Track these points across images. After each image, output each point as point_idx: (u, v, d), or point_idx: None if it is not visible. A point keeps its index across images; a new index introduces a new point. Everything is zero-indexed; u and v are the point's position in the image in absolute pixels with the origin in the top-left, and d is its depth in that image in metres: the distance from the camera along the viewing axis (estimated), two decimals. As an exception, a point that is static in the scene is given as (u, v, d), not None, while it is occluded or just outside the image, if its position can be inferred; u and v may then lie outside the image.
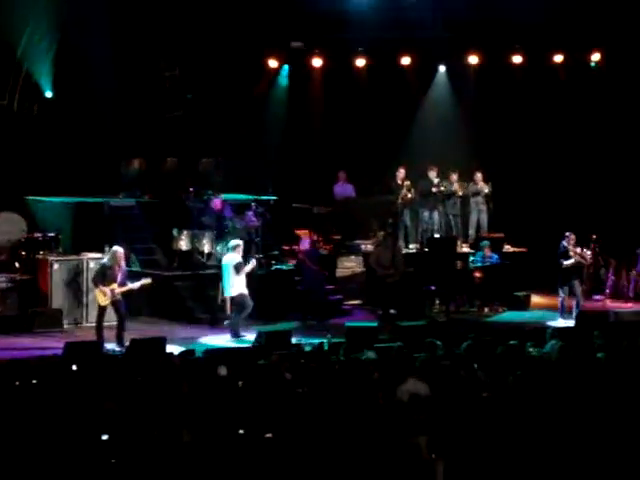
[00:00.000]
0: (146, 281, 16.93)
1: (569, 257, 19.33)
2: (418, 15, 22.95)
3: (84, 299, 18.42)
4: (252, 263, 18.11)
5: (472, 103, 23.75)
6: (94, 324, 16.96)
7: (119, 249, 16.64)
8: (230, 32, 22.07)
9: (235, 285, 17.85)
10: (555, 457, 9.32)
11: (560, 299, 19.43)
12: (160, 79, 22.27)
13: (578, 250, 19.48)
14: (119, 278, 16.43)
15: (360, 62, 23.67)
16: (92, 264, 18.19)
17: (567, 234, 19.44)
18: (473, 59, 23.73)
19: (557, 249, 19.43)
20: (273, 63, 23.74)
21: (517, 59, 23.61)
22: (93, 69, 20.83)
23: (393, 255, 19.84)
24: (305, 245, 20.01)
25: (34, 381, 11.61)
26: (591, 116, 23.71)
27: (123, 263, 16.64)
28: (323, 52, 23.50)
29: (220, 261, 19.90)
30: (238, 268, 17.74)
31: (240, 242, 18.19)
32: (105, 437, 9.32)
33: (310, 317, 19.33)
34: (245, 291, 17.88)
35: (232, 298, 17.98)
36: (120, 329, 16.46)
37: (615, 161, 23.84)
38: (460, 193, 22.42)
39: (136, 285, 16.71)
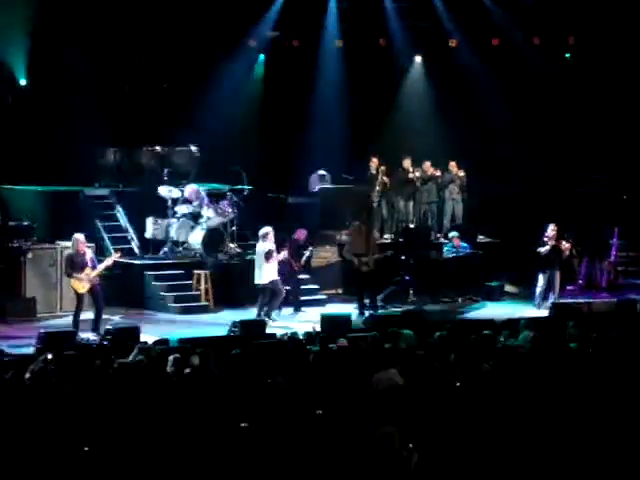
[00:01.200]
0: (115, 255, 16.94)
1: (545, 244, 19.46)
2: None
3: (58, 288, 18.37)
4: (283, 254, 18.35)
5: (447, 94, 23.80)
6: (69, 312, 16.94)
7: (77, 236, 16.64)
8: (206, 21, 22.04)
9: (265, 273, 17.93)
10: (528, 447, 9.39)
11: (538, 288, 19.51)
12: (135, 68, 22.18)
13: (553, 235, 19.55)
14: (89, 263, 16.42)
15: (337, 51, 23.61)
16: (63, 257, 18.10)
17: (550, 225, 19.58)
18: (451, 44, 23.74)
19: (535, 239, 19.59)
20: (249, 52, 23.72)
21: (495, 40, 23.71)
22: (68, 57, 20.74)
23: (367, 242, 19.85)
24: (300, 235, 19.93)
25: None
26: (566, 103, 23.84)
27: (86, 249, 16.61)
28: (299, 42, 23.49)
29: (194, 251, 19.96)
30: (268, 256, 17.80)
31: (269, 229, 18.19)
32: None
33: (284, 306, 19.33)
34: (276, 278, 18.00)
35: (263, 286, 18.05)
36: (97, 318, 16.44)
37: (588, 151, 23.99)
38: (438, 174, 22.45)
39: (108, 261, 16.70)
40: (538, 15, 23.19)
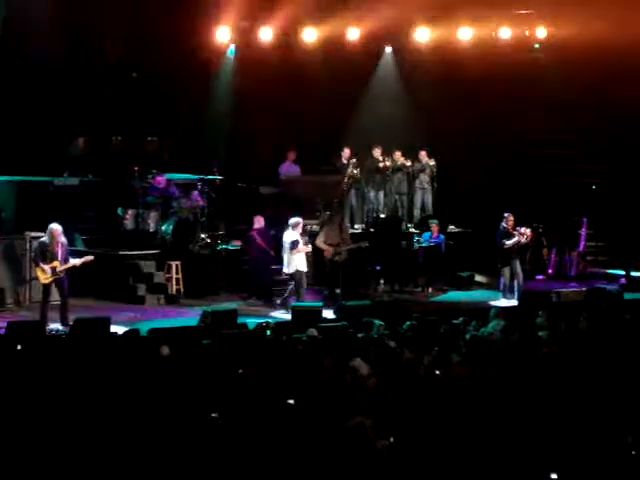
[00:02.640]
0: (88, 258, 16.87)
1: (510, 237, 19.46)
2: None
3: (27, 278, 18.26)
4: (309, 246, 18.52)
5: (417, 83, 23.84)
6: (38, 303, 16.87)
7: (55, 226, 16.51)
8: (175, 10, 21.94)
9: (291, 262, 18.21)
10: (498, 434, 9.44)
11: (502, 279, 19.58)
12: (105, 57, 22.06)
13: (521, 229, 19.60)
14: (60, 255, 16.32)
15: (309, 37, 23.55)
16: (35, 243, 18.03)
17: (506, 215, 19.58)
18: (421, 34, 23.74)
19: (497, 230, 19.59)
20: (220, 41, 23.64)
21: (465, 34, 23.73)
22: (37, 46, 20.60)
23: (341, 232, 19.90)
24: (260, 223, 19.96)
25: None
26: (534, 95, 23.97)
27: (62, 239, 16.51)
28: (270, 31, 23.43)
29: (165, 240, 19.93)
30: (292, 246, 18.03)
31: (299, 219, 18.54)
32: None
33: (255, 296, 19.37)
34: (303, 268, 18.28)
35: (289, 275, 18.38)
36: (64, 308, 16.37)
37: (557, 141, 24.12)
38: (407, 164, 22.48)
39: (77, 262, 16.61)
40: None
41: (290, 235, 18.32)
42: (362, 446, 8.74)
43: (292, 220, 18.49)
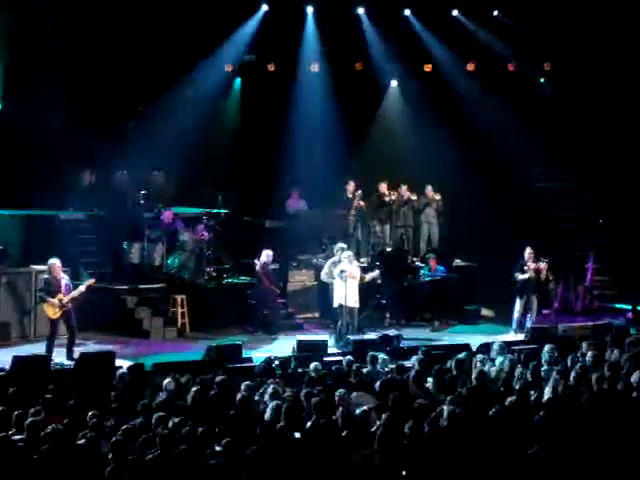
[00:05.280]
0: (90, 281, 16.84)
1: (524, 272, 19.41)
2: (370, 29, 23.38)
3: (32, 312, 18.22)
4: (375, 273, 18.41)
5: (423, 117, 23.86)
6: (44, 337, 16.81)
7: (54, 261, 16.51)
8: (183, 44, 22.04)
9: (336, 296, 18.11)
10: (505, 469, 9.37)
11: (516, 313, 19.47)
12: (110, 90, 22.12)
13: (532, 266, 19.49)
14: (63, 288, 16.32)
15: (313, 75, 23.67)
16: (40, 280, 17.95)
17: (527, 249, 19.55)
18: (426, 68, 23.87)
19: (511, 263, 19.55)
20: (225, 74, 23.77)
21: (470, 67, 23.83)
22: (43, 80, 20.66)
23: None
24: (268, 258, 19.89)
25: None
26: (540, 127, 24.02)
27: (63, 274, 16.51)
28: (275, 65, 23.53)
29: (170, 274, 19.91)
30: (341, 275, 17.93)
31: (350, 253, 18.45)
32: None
33: (261, 330, 19.31)
34: (347, 303, 17.90)
35: (336, 309, 18.18)
36: (70, 342, 16.31)
37: (564, 174, 24.12)
38: (414, 197, 22.47)
39: (81, 288, 16.57)
40: (515, 40, 23.41)
41: (340, 266, 18.16)
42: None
43: (346, 253, 18.41)
